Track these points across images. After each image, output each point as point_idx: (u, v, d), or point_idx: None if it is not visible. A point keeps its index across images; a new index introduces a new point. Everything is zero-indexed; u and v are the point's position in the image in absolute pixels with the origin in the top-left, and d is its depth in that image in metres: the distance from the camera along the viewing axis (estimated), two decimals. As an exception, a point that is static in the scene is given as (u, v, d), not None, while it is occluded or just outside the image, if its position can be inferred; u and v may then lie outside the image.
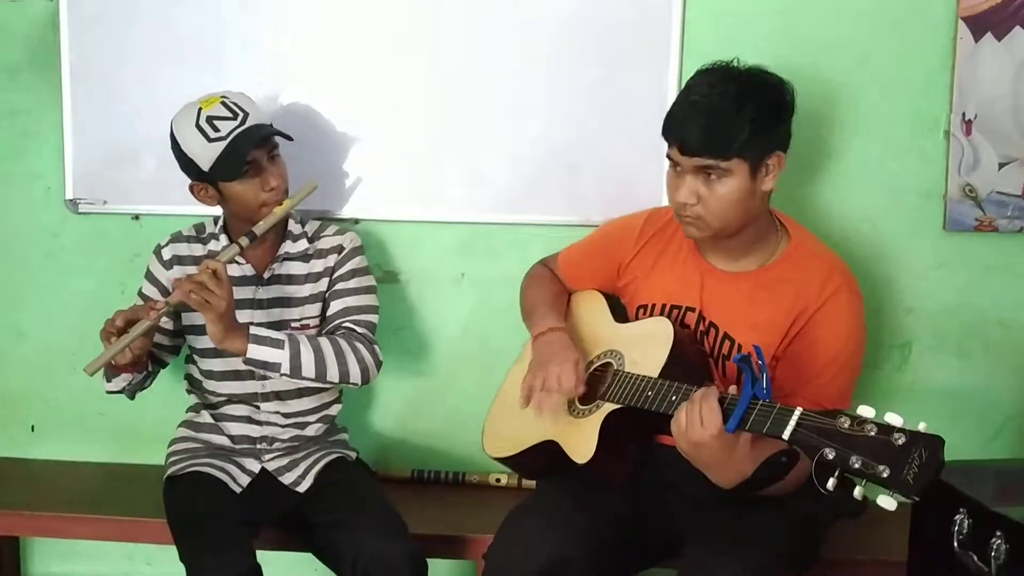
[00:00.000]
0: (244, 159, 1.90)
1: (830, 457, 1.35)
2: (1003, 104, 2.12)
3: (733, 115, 1.64)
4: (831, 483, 1.36)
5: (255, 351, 1.84)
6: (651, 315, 1.84)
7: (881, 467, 1.30)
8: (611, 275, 1.94)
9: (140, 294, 2.06)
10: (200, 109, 1.91)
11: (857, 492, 1.33)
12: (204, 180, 1.95)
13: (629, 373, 1.72)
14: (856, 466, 1.32)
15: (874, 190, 2.18)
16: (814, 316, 1.72)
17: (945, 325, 2.21)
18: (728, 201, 1.68)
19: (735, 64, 1.72)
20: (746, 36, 2.13)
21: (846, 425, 1.36)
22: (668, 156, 1.72)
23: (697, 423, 1.51)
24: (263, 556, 1.84)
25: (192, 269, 1.96)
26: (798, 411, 1.42)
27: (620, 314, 1.91)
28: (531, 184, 2.24)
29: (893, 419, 1.34)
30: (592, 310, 1.95)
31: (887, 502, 1.30)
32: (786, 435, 1.41)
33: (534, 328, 1.91)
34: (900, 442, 1.31)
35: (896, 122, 2.16)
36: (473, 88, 2.22)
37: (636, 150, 2.15)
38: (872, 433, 1.33)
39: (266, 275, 2.02)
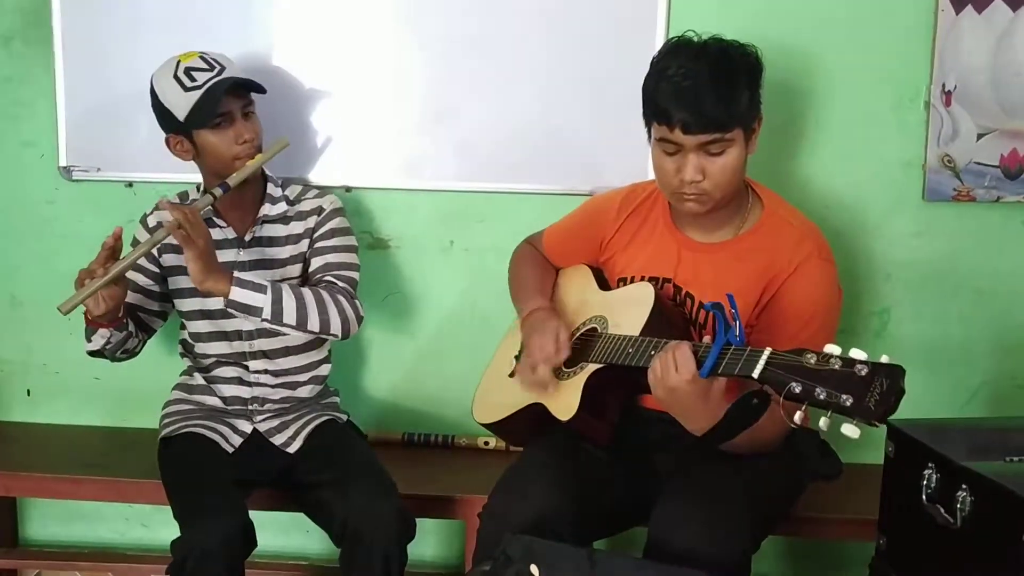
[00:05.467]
0: (218, 106, 1.93)
1: (797, 391, 1.40)
2: (983, 76, 2.16)
3: (731, 87, 1.66)
4: (798, 416, 1.41)
5: (237, 293, 1.87)
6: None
7: (844, 396, 1.35)
8: (594, 251, 1.97)
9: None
10: (179, 62, 1.96)
11: (823, 423, 1.37)
12: (179, 132, 1.98)
13: (612, 334, 1.76)
14: (821, 397, 1.37)
15: (855, 160, 2.22)
16: (785, 282, 1.75)
17: (923, 292, 2.26)
18: (731, 171, 1.71)
19: (695, 38, 1.73)
20: (729, 8, 2.16)
21: (812, 361, 1.41)
22: (660, 139, 1.72)
23: (672, 369, 1.55)
24: (256, 516, 1.87)
25: None
26: (767, 351, 1.47)
27: (606, 283, 1.95)
28: (519, 153, 2.26)
29: (857, 354, 1.38)
30: (579, 281, 1.99)
31: (850, 430, 1.35)
32: (756, 374, 1.46)
33: (520, 313, 1.95)
34: (863, 373, 1.36)
35: (877, 93, 2.19)
36: (462, 57, 2.24)
37: (621, 120, 2.15)
38: (836, 367, 1.38)
39: (247, 237, 2.05)
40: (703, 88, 1.65)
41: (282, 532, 2.37)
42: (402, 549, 1.86)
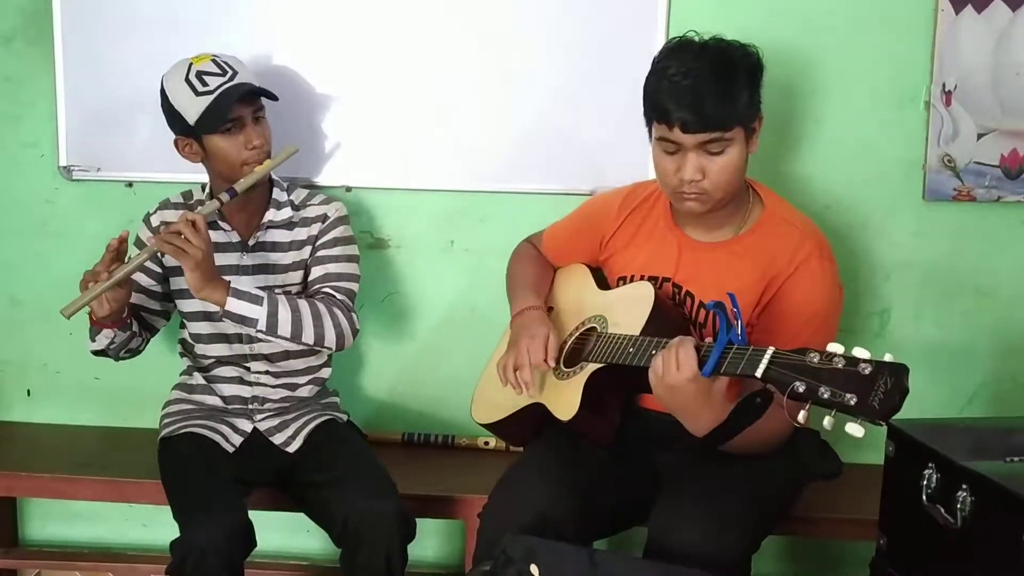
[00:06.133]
0: (228, 112, 1.93)
1: (800, 390, 1.39)
2: (982, 76, 2.16)
3: (731, 86, 1.67)
4: (802, 416, 1.41)
5: (233, 304, 1.87)
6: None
7: (848, 395, 1.35)
8: (594, 250, 1.97)
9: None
10: (191, 65, 1.96)
11: (826, 422, 1.37)
12: (189, 135, 1.98)
13: (612, 334, 1.76)
14: (825, 396, 1.37)
15: (855, 160, 2.22)
16: (786, 282, 1.75)
17: (923, 292, 2.26)
18: (731, 170, 1.71)
19: (695, 38, 1.74)
20: (730, 8, 2.16)
21: (816, 360, 1.40)
22: (660, 138, 1.72)
23: (673, 367, 1.54)
24: (257, 516, 1.88)
25: None
26: (770, 350, 1.46)
27: (604, 283, 1.95)
28: (519, 153, 2.27)
29: (860, 352, 1.38)
30: (577, 280, 1.99)
31: (855, 429, 1.35)
32: (759, 373, 1.45)
33: (512, 310, 1.95)
34: (866, 372, 1.35)
35: (877, 93, 2.19)
36: (463, 57, 2.25)
37: (622, 120, 2.15)
38: (840, 365, 1.38)
39: (251, 242, 2.05)
40: (703, 87, 1.65)
41: (283, 532, 2.37)
42: (402, 549, 1.87)
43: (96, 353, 2.03)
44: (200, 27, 2.24)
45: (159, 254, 2.03)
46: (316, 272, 2.05)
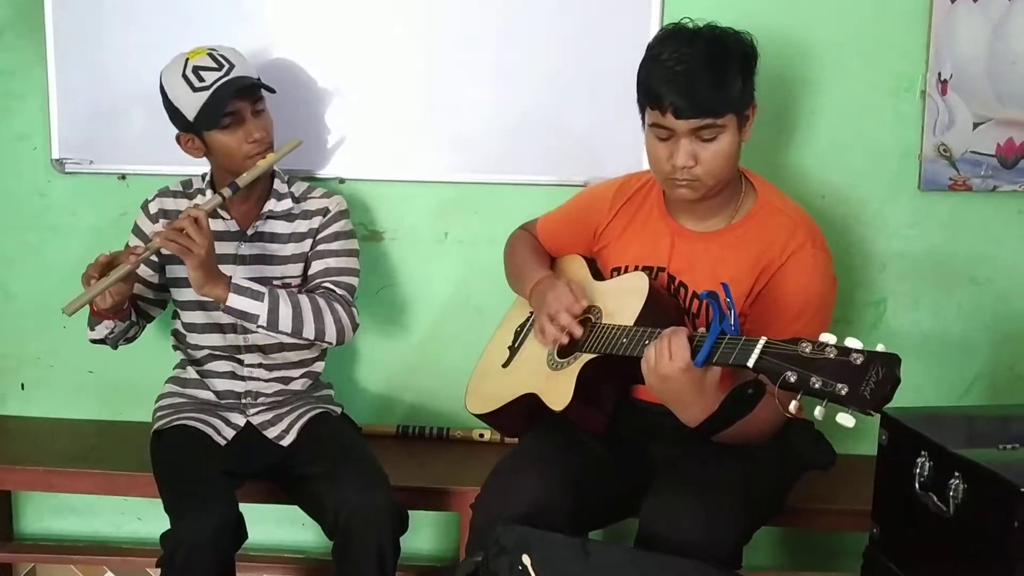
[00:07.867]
0: (224, 108, 1.92)
1: (792, 380, 1.39)
2: (978, 65, 2.15)
3: (724, 72, 1.67)
4: (793, 406, 1.40)
5: (235, 300, 1.88)
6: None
7: (840, 385, 1.34)
8: (588, 241, 1.97)
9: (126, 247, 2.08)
10: (187, 59, 1.95)
11: (817, 412, 1.36)
12: (189, 130, 1.97)
13: (606, 324, 1.76)
14: (816, 386, 1.36)
15: (850, 150, 2.21)
16: (778, 271, 1.75)
17: (919, 282, 2.25)
18: (723, 157, 1.71)
19: (690, 24, 1.73)
20: (725, -3, 2.16)
21: (808, 350, 1.40)
22: (653, 124, 1.72)
23: (666, 357, 1.54)
24: (253, 509, 1.88)
25: None
26: (763, 340, 1.45)
27: (600, 274, 1.94)
28: (513, 144, 2.26)
29: (852, 342, 1.38)
30: (573, 271, 1.98)
31: (846, 419, 1.34)
32: (751, 363, 1.44)
33: (525, 286, 1.94)
34: (858, 362, 1.35)
35: (873, 82, 2.19)
36: (457, 49, 2.24)
37: (616, 110, 2.15)
38: (832, 355, 1.37)
39: (249, 231, 2.05)
40: (695, 73, 1.65)
41: (277, 525, 2.37)
42: (394, 542, 1.86)
43: (94, 342, 2.03)
44: (195, 18, 2.23)
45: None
46: (316, 266, 2.04)
